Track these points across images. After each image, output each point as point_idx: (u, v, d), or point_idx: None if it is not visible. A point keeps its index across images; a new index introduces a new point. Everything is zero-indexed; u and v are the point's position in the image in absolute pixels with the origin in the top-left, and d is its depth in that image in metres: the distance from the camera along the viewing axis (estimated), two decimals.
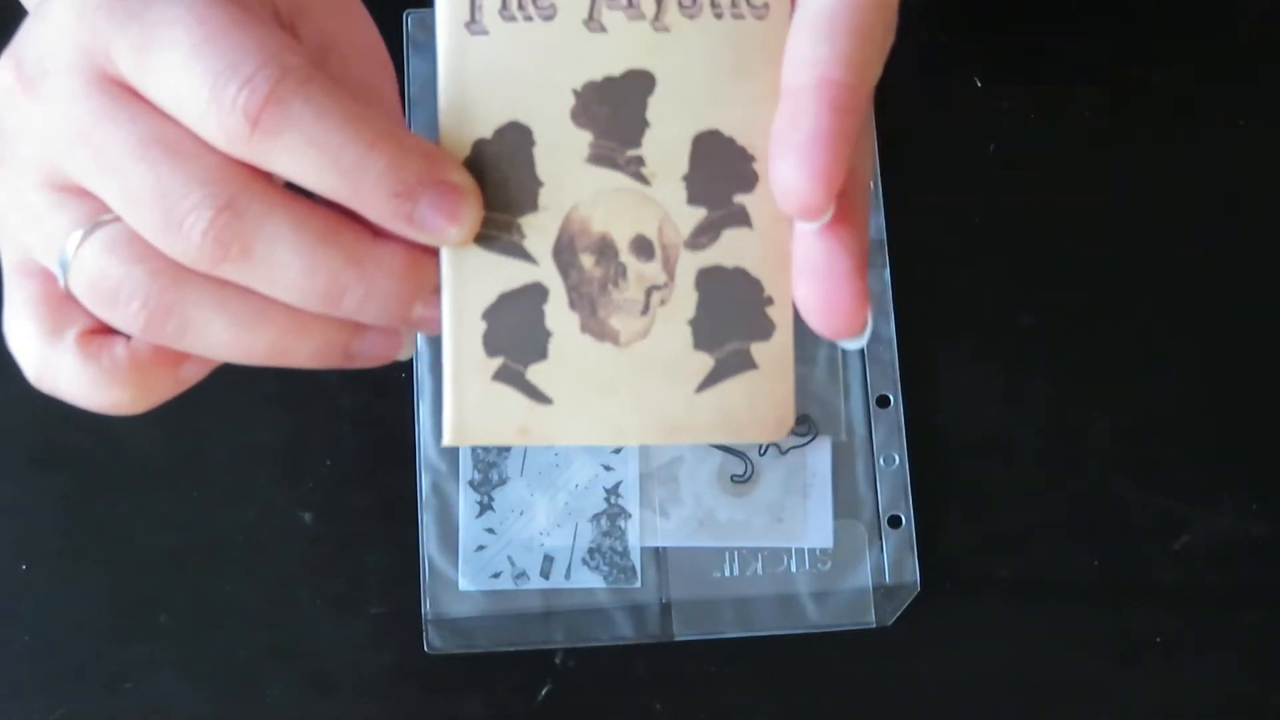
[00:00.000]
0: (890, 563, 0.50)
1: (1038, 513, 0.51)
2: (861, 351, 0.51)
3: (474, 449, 0.50)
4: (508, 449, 0.50)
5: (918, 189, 0.52)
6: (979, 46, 0.53)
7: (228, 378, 0.50)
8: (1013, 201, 0.53)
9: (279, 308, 0.29)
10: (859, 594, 0.50)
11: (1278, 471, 0.51)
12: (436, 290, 0.29)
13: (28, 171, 0.30)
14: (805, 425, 0.51)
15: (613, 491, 0.50)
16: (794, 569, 0.50)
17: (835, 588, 0.50)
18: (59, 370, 0.30)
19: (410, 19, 0.52)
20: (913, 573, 0.50)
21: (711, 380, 0.29)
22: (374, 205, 0.28)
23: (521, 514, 0.50)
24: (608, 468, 0.50)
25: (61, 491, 0.50)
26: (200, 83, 0.27)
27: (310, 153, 0.27)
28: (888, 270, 0.51)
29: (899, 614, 0.50)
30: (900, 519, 0.50)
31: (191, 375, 0.31)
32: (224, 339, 0.29)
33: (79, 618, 0.50)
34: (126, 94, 0.29)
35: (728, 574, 0.50)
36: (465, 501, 0.50)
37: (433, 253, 0.29)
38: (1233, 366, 0.52)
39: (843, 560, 0.50)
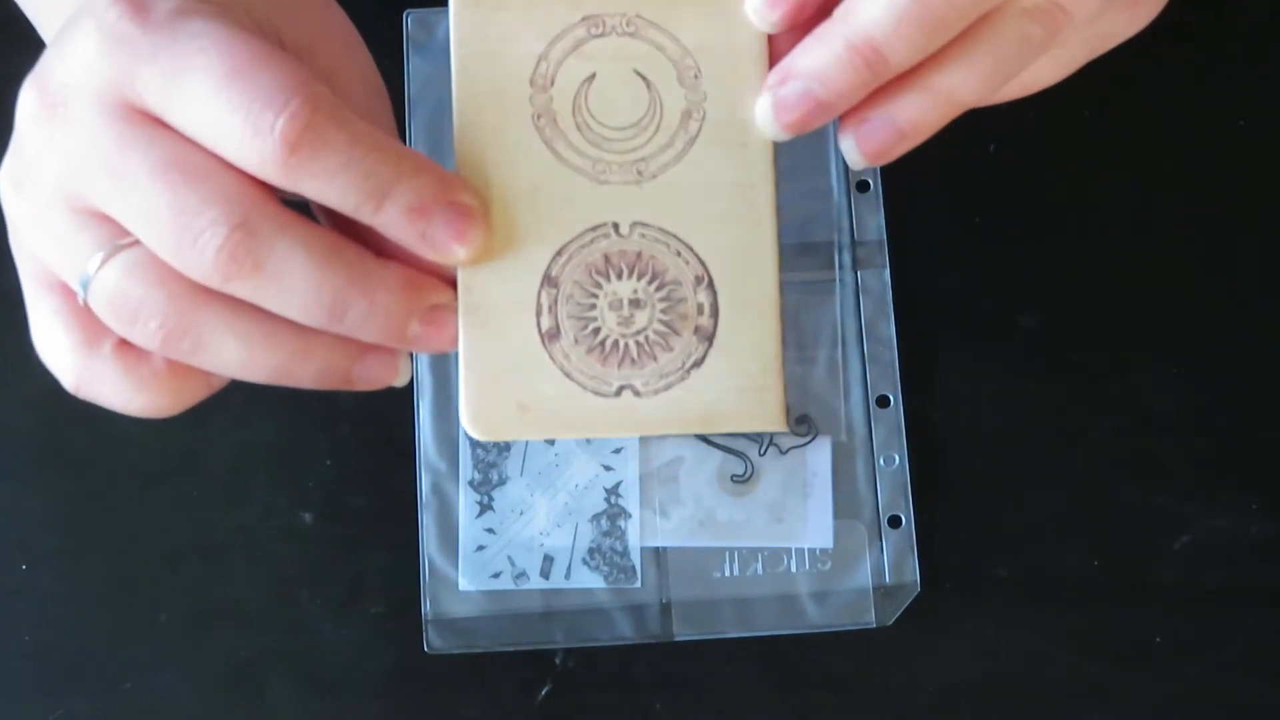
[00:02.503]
0: (890, 563, 0.50)
1: (1038, 513, 0.51)
2: (861, 351, 0.51)
3: (474, 448, 0.50)
4: (508, 447, 0.50)
5: (918, 189, 0.52)
6: None
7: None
8: (1013, 201, 0.52)
9: (287, 329, 0.31)
10: (859, 594, 0.50)
11: (1278, 471, 0.51)
12: (433, 309, 0.31)
13: (49, 193, 0.31)
14: (805, 425, 0.51)
15: (613, 491, 0.50)
16: (794, 569, 0.50)
17: (835, 588, 0.50)
18: (99, 380, 0.32)
19: (410, 19, 0.52)
20: (913, 573, 0.50)
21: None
22: (393, 222, 0.30)
23: (521, 514, 0.50)
24: (608, 468, 0.50)
25: (61, 492, 0.50)
26: (233, 110, 0.28)
27: (340, 175, 0.29)
28: (888, 270, 0.51)
29: (899, 614, 0.50)
30: (900, 519, 0.50)
31: (221, 380, 0.33)
32: (235, 358, 0.31)
33: (79, 618, 0.50)
34: (147, 120, 0.30)
35: (728, 574, 0.50)
36: (465, 501, 0.50)
37: (431, 274, 0.31)
38: (1233, 366, 0.52)
39: (843, 560, 0.50)
